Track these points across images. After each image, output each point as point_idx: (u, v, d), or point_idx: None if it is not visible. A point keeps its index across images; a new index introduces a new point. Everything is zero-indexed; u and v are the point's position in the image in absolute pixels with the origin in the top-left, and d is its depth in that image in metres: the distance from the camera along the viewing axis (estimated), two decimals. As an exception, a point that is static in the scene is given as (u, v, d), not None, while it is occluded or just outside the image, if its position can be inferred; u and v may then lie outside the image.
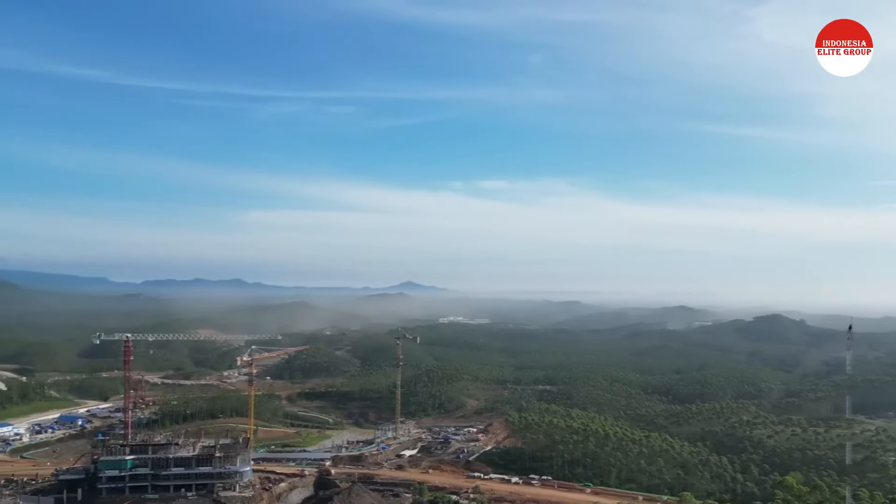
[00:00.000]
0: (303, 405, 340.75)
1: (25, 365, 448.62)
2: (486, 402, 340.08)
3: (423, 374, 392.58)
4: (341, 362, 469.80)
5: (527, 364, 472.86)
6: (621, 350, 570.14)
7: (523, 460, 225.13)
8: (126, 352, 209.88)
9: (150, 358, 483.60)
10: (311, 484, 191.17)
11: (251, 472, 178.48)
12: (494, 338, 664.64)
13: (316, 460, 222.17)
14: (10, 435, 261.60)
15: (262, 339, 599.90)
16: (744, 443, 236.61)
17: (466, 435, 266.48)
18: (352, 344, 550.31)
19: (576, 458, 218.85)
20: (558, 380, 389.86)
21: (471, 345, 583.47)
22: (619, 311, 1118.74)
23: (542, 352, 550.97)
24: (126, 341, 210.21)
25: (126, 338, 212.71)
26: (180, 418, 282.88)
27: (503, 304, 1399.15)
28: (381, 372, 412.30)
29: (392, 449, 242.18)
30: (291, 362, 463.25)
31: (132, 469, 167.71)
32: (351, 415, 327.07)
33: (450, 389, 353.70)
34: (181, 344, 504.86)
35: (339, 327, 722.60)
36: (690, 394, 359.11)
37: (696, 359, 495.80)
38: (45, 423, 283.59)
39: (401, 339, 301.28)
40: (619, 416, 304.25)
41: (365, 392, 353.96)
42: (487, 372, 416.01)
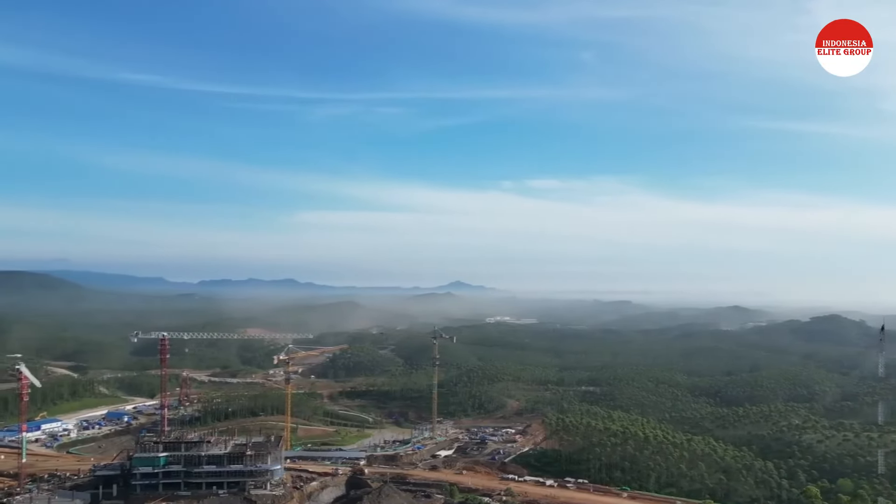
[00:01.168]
0: (344, 404, 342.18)
1: (80, 362, 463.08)
2: (527, 403, 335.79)
3: (463, 375, 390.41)
4: (385, 361, 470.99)
5: (571, 365, 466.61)
6: (670, 351, 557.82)
7: (560, 463, 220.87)
8: (162, 350, 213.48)
9: (198, 356, 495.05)
10: (342, 483, 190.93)
11: (282, 471, 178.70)
12: (540, 338, 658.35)
13: (351, 459, 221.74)
14: (59, 430, 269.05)
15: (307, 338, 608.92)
16: (792, 448, 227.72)
17: (504, 436, 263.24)
18: (396, 343, 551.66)
19: (614, 462, 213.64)
20: (602, 381, 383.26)
21: (515, 345, 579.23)
22: (670, 311, 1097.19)
23: (588, 352, 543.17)
24: (162, 340, 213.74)
25: (162, 336, 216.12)
26: (222, 416, 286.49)
27: (552, 305, 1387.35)
28: (423, 371, 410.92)
29: (427, 449, 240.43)
30: (336, 361, 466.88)
31: (165, 466, 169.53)
32: (391, 414, 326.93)
33: (490, 390, 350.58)
34: (230, 342, 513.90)
35: (385, 327, 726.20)
36: (739, 396, 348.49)
37: (747, 360, 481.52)
38: (93, 420, 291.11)
39: (437, 338, 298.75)
40: (662, 418, 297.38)
41: (406, 391, 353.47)
42: (530, 372, 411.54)
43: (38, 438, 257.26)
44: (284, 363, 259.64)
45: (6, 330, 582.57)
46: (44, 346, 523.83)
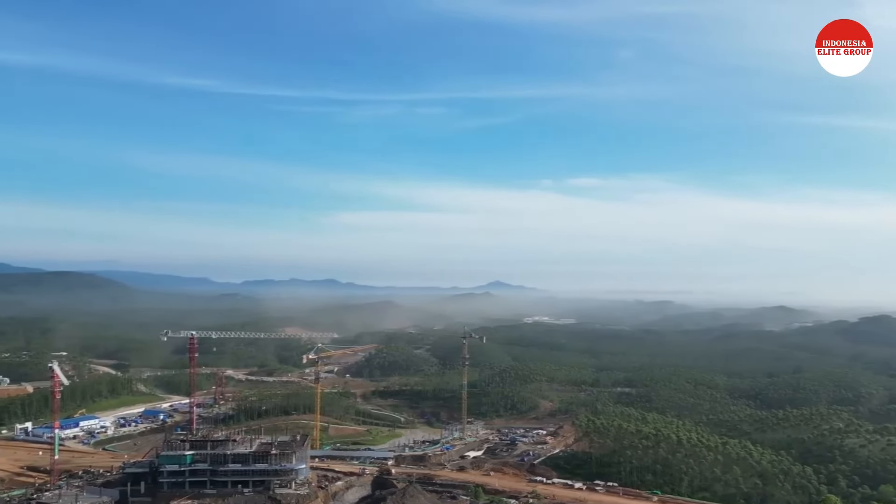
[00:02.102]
0: (376, 403, 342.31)
1: (122, 360, 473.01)
2: (561, 404, 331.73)
3: (496, 375, 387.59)
4: (420, 361, 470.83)
5: (608, 365, 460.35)
6: (711, 352, 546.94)
7: (590, 465, 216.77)
8: (191, 349, 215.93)
9: (237, 355, 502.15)
10: (368, 483, 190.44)
11: (307, 470, 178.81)
12: (578, 338, 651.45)
13: (379, 459, 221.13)
14: (97, 427, 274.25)
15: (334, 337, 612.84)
16: (833, 452, 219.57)
17: (535, 437, 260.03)
18: (431, 343, 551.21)
19: (645, 465, 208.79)
20: (639, 382, 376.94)
21: (552, 345, 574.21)
22: (713, 311, 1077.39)
23: (626, 353, 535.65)
24: (191, 339, 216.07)
25: (191, 335, 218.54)
26: (255, 414, 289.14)
27: (592, 304, 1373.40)
28: (457, 371, 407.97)
29: (456, 450, 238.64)
30: (371, 361, 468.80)
31: (191, 464, 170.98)
32: (423, 414, 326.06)
33: (523, 390, 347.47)
34: (268, 342, 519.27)
35: (421, 326, 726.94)
36: (781, 398, 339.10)
37: (791, 361, 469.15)
38: (130, 417, 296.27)
39: (467, 338, 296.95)
40: (699, 420, 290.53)
41: (438, 391, 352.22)
42: (565, 373, 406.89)
43: (76, 435, 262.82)
44: (313, 362, 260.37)
45: (53, 329, 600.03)
46: (88, 344, 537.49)
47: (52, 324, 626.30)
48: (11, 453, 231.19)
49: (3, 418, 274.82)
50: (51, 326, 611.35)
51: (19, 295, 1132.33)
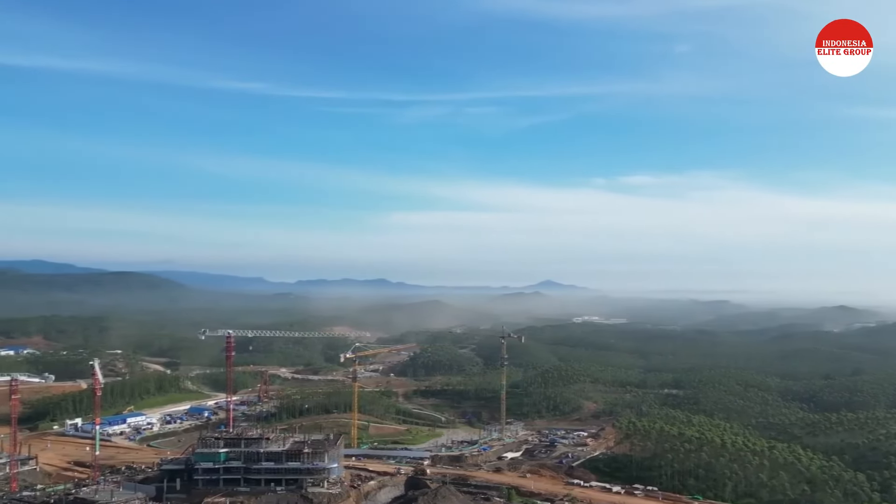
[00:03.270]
0: (418, 402, 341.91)
1: (174, 358, 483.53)
2: (605, 406, 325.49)
3: (538, 375, 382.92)
4: (464, 361, 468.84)
5: (657, 366, 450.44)
6: (765, 353, 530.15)
7: (630, 468, 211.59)
8: (228, 347, 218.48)
9: (285, 353, 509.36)
10: (401, 483, 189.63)
11: (340, 469, 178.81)
12: (627, 338, 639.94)
13: (415, 459, 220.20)
14: (143, 424, 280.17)
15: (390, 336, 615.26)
16: (889, 458, 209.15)
17: (575, 439, 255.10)
18: (477, 343, 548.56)
19: (687, 469, 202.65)
20: (687, 384, 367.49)
21: (600, 345, 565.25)
22: (770, 311, 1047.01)
23: (676, 354, 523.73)
24: (228, 338, 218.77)
25: (228, 334, 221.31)
26: (297, 412, 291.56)
27: (645, 304, 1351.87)
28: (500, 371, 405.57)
29: (494, 450, 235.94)
30: (415, 360, 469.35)
31: (225, 462, 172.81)
32: (464, 414, 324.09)
33: (566, 391, 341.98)
34: (316, 340, 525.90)
35: (468, 326, 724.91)
36: (836, 402, 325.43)
37: (849, 363, 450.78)
38: (176, 414, 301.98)
39: (506, 338, 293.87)
40: (748, 423, 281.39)
41: (480, 391, 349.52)
42: (611, 373, 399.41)
43: (123, 431, 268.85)
44: (351, 361, 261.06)
45: (110, 327, 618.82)
46: (142, 342, 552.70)
47: (109, 322, 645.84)
48: (61, 448, 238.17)
49: (55, 414, 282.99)
50: (108, 325, 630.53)
51: (81, 294, 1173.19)
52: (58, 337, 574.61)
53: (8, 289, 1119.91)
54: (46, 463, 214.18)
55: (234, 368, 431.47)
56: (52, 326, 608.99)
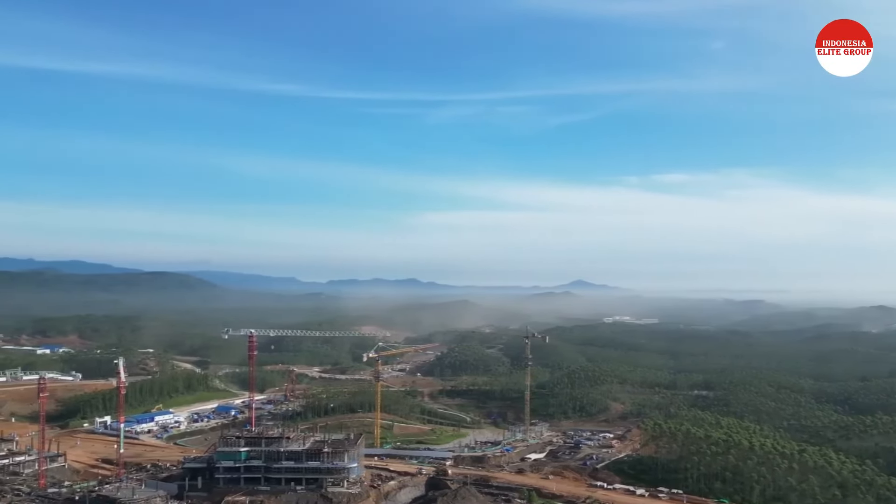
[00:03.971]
0: (443, 402, 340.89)
1: (204, 357, 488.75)
2: (633, 407, 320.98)
3: (565, 375, 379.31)
4: (491, 361, 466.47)
5: (688, 367, 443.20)
6: (800, 353, 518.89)
7: (656, 471, 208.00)
8: (250, 347, 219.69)
9: (313, 352, 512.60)
10: (422, 483, 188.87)
11: (360, 469, 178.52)
12: (658, 339, 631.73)
13: (437, 459, 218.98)
14: (171, 422, 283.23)
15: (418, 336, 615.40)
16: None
17: (601, 440, 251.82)
18: (504, 343, 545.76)
19: (714, 472, 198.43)
20: (717, 385, 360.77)
21: (630, 345, 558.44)
22: (806, 311, 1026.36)
23: (708, 354, 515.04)
24: (250, 337, 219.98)
25: (250, 333, 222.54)
26: (322, 411, 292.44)
27: (677, 304, 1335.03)
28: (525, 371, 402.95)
29: (517, 451, 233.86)
30: (442, 360, 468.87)
31: (246, 461, 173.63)
32: (490, 414, 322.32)
33: (593, 392, 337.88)
34: (344, 340, 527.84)
35: (497, 326, 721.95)
36: (872, 404, 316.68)
37: (887, 364, 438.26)
38: (203, 413, 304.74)
39: (529, 338, 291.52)
40: (779, 426, 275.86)
41: (506, 391, 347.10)
42: (640, 374, 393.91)
43: (151, 429, 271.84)
44: (374, 361, 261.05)
45: (144, 326, 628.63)
46: (174, 341, 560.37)
47: (142, 322, 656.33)
48: (90, 446, 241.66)
49: (85, 412, 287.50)
50: (141, 324, 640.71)
51: (117, 294, 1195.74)
52: (92, 336, 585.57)
53: (47, 289, 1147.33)
54: (75, 460, 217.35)
55: (263, 367, 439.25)
56: (87, 325, 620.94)
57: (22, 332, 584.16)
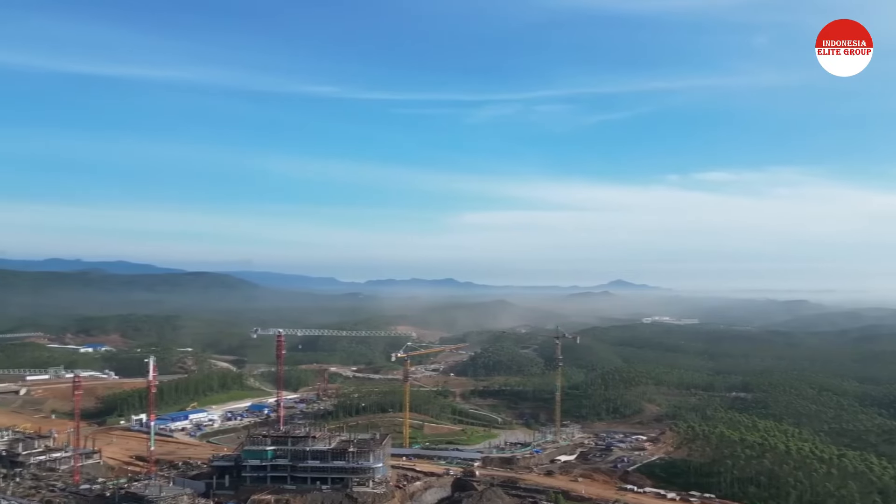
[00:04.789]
0: (475, 402, 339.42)
1: (241, 356, 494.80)
2: (668, 409, 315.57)
3: (598, 376, 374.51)
4: (526, 361, 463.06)
5: (726, 368, 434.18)
6: (844, 355, 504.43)
7: (688, 474, 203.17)
8: (279, 346, 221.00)
9: (348, 352, 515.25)
10: (448, 484, 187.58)
11: (385, 469, 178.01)
12: (697, 339, 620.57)
13: (466, 460, 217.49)
14: (205, 420, 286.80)
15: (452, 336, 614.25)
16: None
17: (633, 443, 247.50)
18: (539, 343, 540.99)
19: (748, 476, 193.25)
20: (756, 387, 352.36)
21: (668, 346, 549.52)
22: (852, 311, 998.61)
23: (748, 355, 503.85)
24: (278, 336, 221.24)
25: (278, 333, 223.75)
26: (353, 411, 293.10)
27: (718, 304, 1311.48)
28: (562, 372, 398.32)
29: (547, 453, 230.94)
30: (476, 360, 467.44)
31: (272, 459, 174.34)
32: (522, 415, 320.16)
33: (627, 393, 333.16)
34: (379, 339, 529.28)
35: (533, 326, 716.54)
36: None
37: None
38: (237, 411, 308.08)
39: (560, 338, 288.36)
40: (819, 429, 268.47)
41: (539, 392, 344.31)
42: (677, 375, 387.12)
43: (185, 427, 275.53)
44: (403, 360, 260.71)
45: (183, 326, 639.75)
46: (213, 340, 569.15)
47: (182, 321, 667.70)
48: (125, 443, 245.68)
49: (122, 410, 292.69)
50: (181, 324, 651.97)
51: (160, 294, 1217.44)
52: (134, 335, 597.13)
53: (92, 288, 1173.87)
54: (110, 457, 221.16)
55: (298, 367, 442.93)
56: (128, 325, 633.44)
57: (66, 330, 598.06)
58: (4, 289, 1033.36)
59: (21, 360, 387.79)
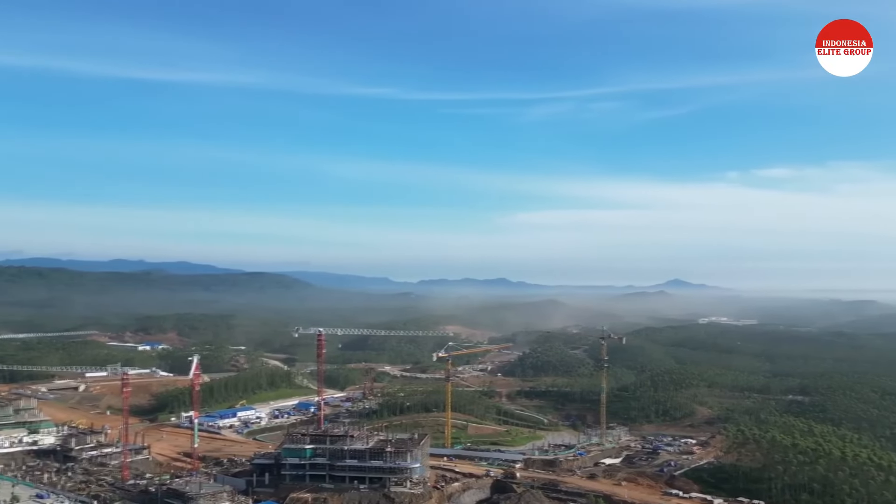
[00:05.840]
0: (521, 403, 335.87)
1: (292, 355, 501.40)
2: (721, 412, 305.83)
3: (647, 378, 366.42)
4: (575, 362, 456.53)
5: (784, 371, 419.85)
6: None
7: (737, 480, 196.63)
8: (319, 345, 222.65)
9: (396, 351, 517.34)
10: (487, 486, 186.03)
11: (422, 469, 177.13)
12: (755, 340, 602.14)
13: (507, 461, 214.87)
14: (252, 418, 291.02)
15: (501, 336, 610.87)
16: None
17: (681, 446, 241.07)
18: (590, 344, 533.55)
19: (801, 482, 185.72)
20: (815, 390, 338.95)
21: (723, 347, 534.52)
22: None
23: (808, 357, 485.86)
24: (319, 335, 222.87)
25: (319, 332, 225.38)
26: (398, 410, 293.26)
27: (780, 304, 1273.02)
28: (611, 373, 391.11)
29: (591, 456, 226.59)
30: (524, 360, 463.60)
31: (311, 458, 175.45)
32: (568, 416, 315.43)
33: (678, 395, 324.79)
34: (428, 339, 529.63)
35: (584, 326, 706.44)
36: None
37: None
38: (284, 409, 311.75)
39: (605, 339, 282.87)
40: (881, 435, 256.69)
41: (587, 393, 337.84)
42: (731, 377, 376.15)
43: (232, 425, 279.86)
44: (444, 360, 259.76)
45: (238, 324, 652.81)
46: (266, 339, 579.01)
47: (237, 320, 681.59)
48: (174, 440, 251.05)
49: (173, 407, 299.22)
50: (236, 323, 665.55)
51: (218, 294, 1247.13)
52: (190, 333, 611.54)
53: (153, 288, 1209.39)
54: (159, 453, 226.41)
55: (346, 366, 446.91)
56: (185, 324, 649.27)
57: (126, 329, 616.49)
58: (71, 288, 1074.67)
59: (81, 358, 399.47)
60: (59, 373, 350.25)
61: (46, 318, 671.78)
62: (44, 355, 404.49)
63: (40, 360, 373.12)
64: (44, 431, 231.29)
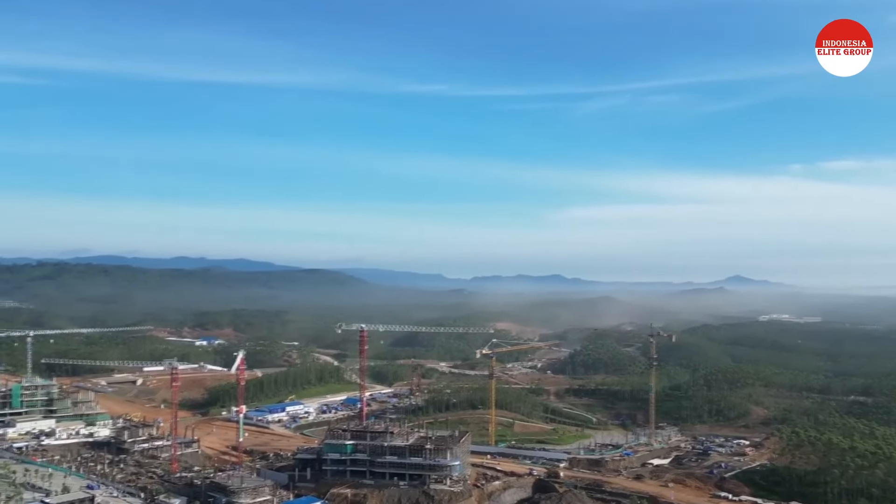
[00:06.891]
0: (570, 401, 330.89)
1: (343, 351, 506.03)
2: (777, 412, 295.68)
3: (701, 377, 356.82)
4: (627, 360, 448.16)
5: (847, 370, 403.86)
6: None
7: (791, 483, 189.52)
8: (361, 341, 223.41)
9: (446, 347, 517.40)
10: (529, 485, 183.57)
11: (462, 467, 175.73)
12: (817, 339, 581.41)
13: (551, 460, 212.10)
14: (301, 413, 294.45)
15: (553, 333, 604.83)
16: None
17: (733, 448, 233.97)
18: (643, 341, 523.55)
19: (858, 487, 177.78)
20: (879, 390, 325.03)
21: (784, 346, 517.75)
22: None
23: (873, 356, 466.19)
24: (361, 332, 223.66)
25: (361, 328, 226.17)
26: (444, 407, 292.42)
27: (845, 301, 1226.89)
28: (664, 372, 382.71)
29: (638, 456, 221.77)
30: (574, 357, 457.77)
31: (352, 454, 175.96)
32: (618, 415, 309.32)
33: (732, 395, 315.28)
34: (477, 336, 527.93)
35: (639, 324, 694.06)
36: None
37: None
38: (332, 404, 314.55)
39: (654, 336, 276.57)
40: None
41: (637, 392, 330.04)
42: (790, 377, 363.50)
43: (281, 419, 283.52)
44: (488, 357, 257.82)
45: (292, 320, 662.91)
46: (318, 335, 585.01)
47: (291, 316, 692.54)
48: (224, 433, 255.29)
49: (224, 401, 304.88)
50: (290, 319, 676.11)
51: (275, 290, 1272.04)
52: (245, 329, 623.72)
53: (212, 285, 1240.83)
54: (208, 446, 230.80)
55: (395, 361, 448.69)
56: (241, 319, 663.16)
57: (185, 324, 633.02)
58: (134, 285, 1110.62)
59: (140, 353, 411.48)
60: (118, 367, 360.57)
61: (109, 313, 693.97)
62: (105, 350, 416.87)
63: (101, 355, 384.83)
64: (100, 424, 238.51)
